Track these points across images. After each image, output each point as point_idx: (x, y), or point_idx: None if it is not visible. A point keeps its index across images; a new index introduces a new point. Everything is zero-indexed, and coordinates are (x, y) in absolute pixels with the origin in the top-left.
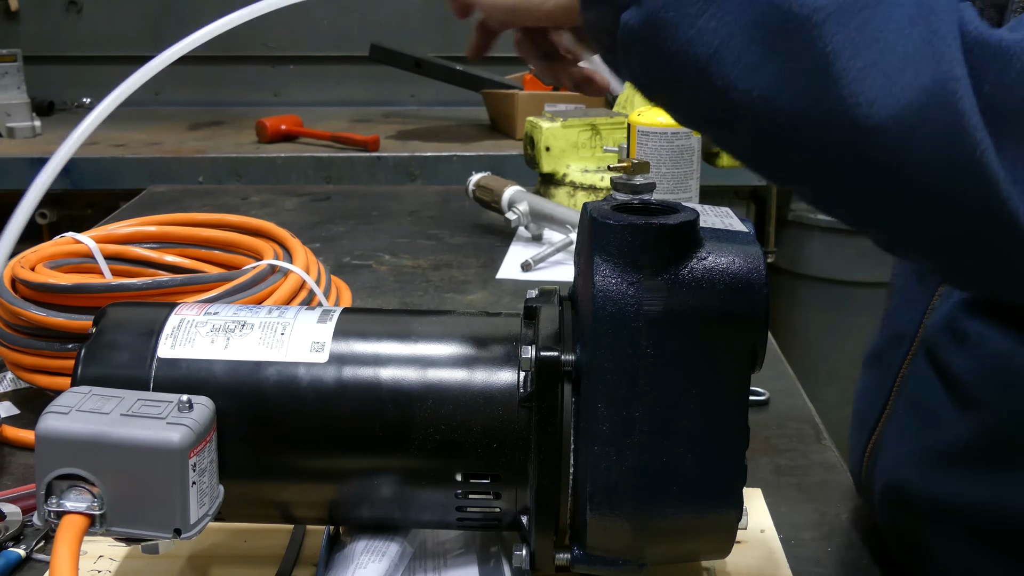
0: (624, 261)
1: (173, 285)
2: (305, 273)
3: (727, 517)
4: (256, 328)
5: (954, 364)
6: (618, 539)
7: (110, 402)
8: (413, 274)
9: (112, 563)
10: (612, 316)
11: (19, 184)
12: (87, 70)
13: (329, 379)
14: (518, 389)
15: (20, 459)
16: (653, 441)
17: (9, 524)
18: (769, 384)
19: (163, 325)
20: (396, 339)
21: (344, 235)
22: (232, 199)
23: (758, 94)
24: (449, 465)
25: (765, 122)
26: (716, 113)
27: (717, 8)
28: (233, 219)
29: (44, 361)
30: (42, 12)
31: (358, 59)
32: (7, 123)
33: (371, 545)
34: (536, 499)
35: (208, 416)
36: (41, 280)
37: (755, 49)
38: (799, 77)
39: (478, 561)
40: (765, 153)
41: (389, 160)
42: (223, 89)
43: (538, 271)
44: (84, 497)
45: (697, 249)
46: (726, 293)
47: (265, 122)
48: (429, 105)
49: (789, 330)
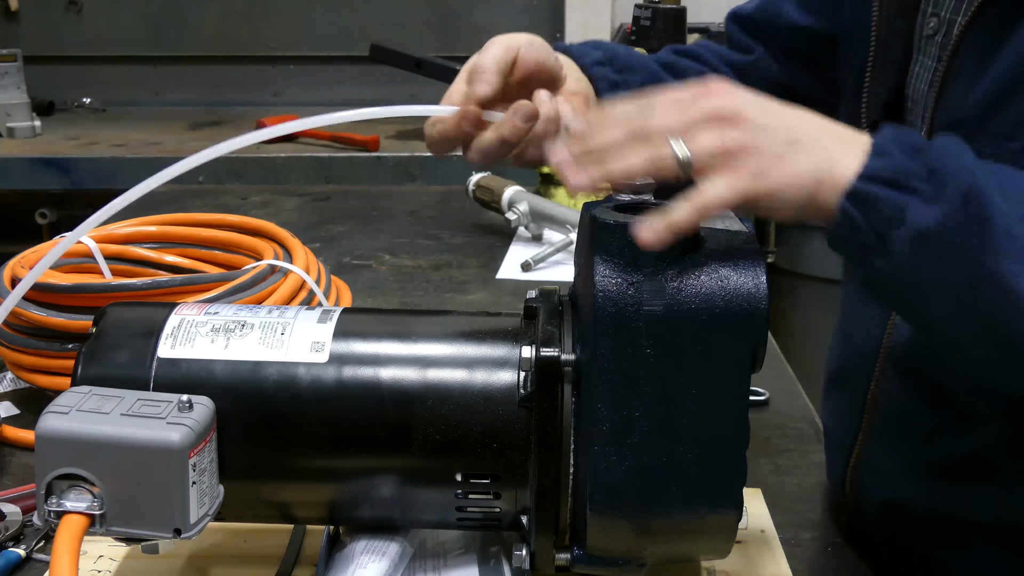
0: (624, 261)
1: (173, 285)
2: (305, 273)
3: (727, 517)
4: (256, 328)
5: (935, 375)
6: (618, 539)
7: (110, 402)
8: (413, 274)
9: (112, 563)
10: (612, 316)
11: (19, 184)
12: (87, 70)
13: (329, 379)
14: (518, 389)
15: (20, 459)
16: (653, 441)
17: (9, 524)
18: (769, 384)
19: (163, 325)
20: (396, 339)
21: (344, 235)
22: (232, 199)
23: (980, 363)
24: (449, 465)
25: (981, 370)
26: (938, 342)
27: (961, 286)
28: (233, 219)
29: (44, 361)
30: (42, 12)
31: (358, 59)
32: (7, 123)
33: (371, 545)
34: (536, 499)
35: (208, 416)
36: (41, 280)
37: (980, 329)
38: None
39: (478, 561)
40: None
41: (389, 160)
42: (223, 89)
43: (538, 271)
44: (84, 497)
45: (697, 249)
46: (726, 293)
47: (265, 122)
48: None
49: (789, 330)
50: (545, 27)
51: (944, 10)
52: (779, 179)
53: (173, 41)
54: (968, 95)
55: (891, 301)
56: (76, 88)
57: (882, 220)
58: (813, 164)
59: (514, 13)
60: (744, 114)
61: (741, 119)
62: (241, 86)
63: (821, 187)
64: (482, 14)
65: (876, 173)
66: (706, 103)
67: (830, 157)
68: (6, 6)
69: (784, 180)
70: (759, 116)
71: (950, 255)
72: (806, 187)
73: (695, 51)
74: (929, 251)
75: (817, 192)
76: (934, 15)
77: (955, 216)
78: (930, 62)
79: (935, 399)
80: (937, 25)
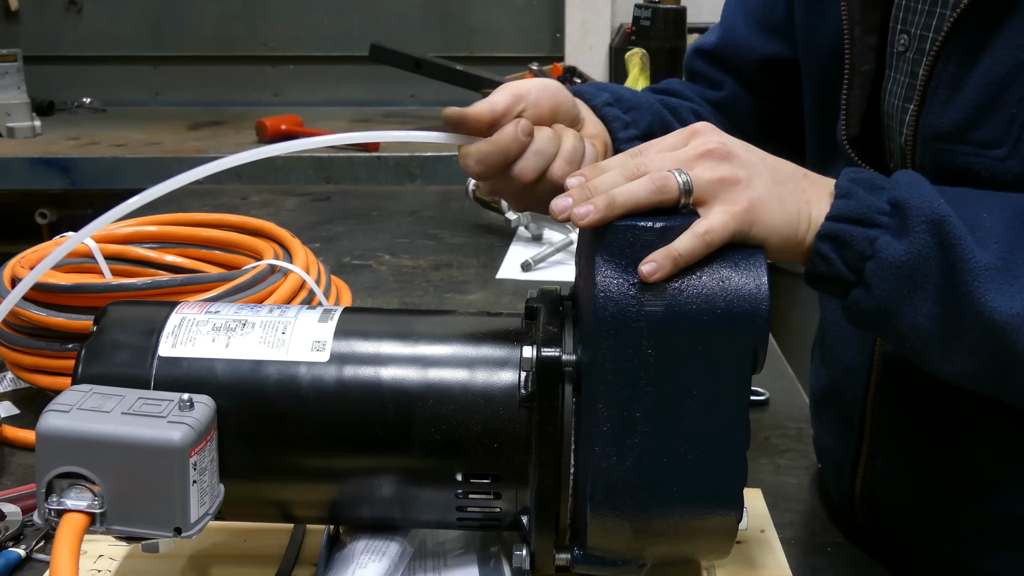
0: (626, 261)
1: (173, 285)
2: (305, 273)
3: (727, 517)
4: (257, 327)
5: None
6: (618, 539)
7: (111, 400)
8: (413, 274)
9: (112, 562)
10: (613, 316)
11: (19, 184)
12: (87, 70)
13: (330, 378)
14: (519, 389)
15: (20, 459)
16: (654, 441)
17: (9, 524)
18: (769, 384)
19: (164, 324)
20: (397, 339)
21: (344, 235)
22: (232, 199)
23: (968, 378)
24: (449, 465)
25: (971, 385)
26: (924, 363)
27: (936, 309)
28: (233, 219)
29: (44, 361)
30: (42, 12)
31: (358, 59)
32: (7, 123)
33: (371, 545)
34: (536, 499)
35: (209, 415)
36: (41, 280)
37: (961, 349)
38: (1000, 375)
39: (478, 561)
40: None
41: (389, 160)
42: (223, 89)
43: (538, 271)
44: (84, 495)
45: None
46: (727, 294)
47: (265, 122)
48: (429, 105)
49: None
50: (545, 27)
51: (914, 27)
52: (771, 212)
53: (173, 41)
54: (947, 109)
55: (873, 329)
56: (76, 88)
57: (855, 256)
58: (797, 202)
59: (514, 13)
60: (733, 151)
61: (732, 155)
62: (241, 86)
63: (801, 223)
64: (482, 14)
65: (843, 213)
66: (696, 142)
67: (808, 198)
68: (6, 6)
69: (775, 214)
70: (746, 155)
71: (923, 281)
72: (792, 223)
73: (676, 89)
74: (903, 279)
75: (798, 227)
76: (903, 32)
77: (923, 243)
78: (903, 78)
79: (937, 411)
80: (908, 42)
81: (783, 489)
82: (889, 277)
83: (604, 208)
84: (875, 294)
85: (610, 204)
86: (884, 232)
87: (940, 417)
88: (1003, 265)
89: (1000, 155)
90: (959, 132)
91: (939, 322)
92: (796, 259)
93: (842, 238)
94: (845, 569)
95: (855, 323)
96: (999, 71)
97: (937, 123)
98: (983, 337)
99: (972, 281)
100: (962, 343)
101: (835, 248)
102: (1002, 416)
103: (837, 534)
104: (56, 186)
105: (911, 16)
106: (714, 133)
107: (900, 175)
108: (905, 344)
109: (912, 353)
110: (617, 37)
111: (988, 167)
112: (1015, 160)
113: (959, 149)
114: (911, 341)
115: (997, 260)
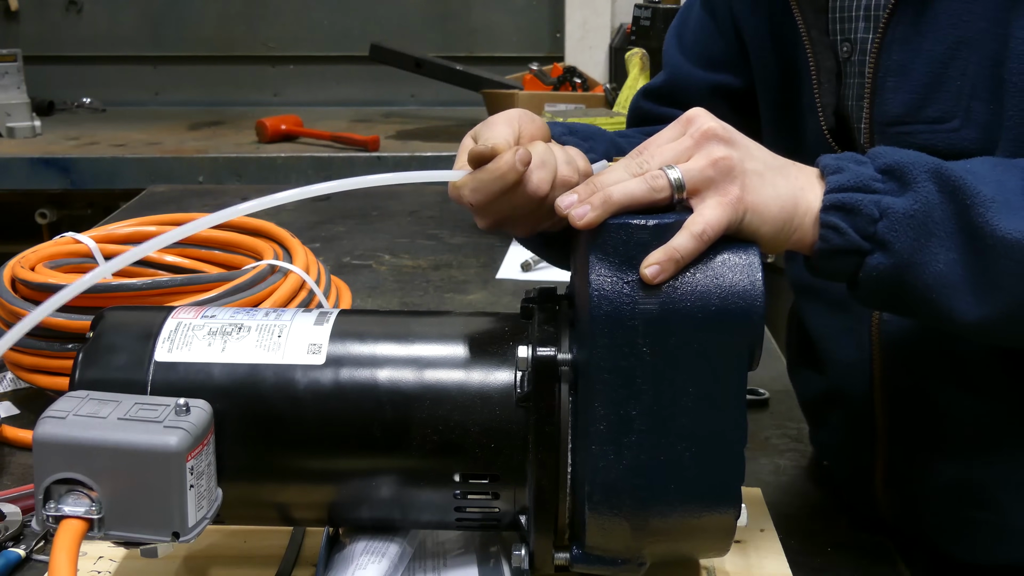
0: (620, 260)
1: (173, 285)
2: (305, 273)
3: (725, 515)
4: (253, 331)
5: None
6: (617, 538)
7: (107, 406)
8: (413, 274)
9: (111, 564)
10: (608, 315)
11: (19, 184)
12: (87, 70)
13: (326, 381)
14: (515, 389)
15: (20, 459)
16: (651, 440)
17: (9, 524)
18: (769, 384)
19: (160, 328)
20: (393, 340)
21: (344, 235)
22: (232, 199)
23: (999, 325)
24: (447, 465)
25: (1000, 333)
26: (944, 327)
27: (955, 254)
28: (233, 219)
29: (44, 361)
30: (42, 12)
31: (358, 59)
32: (7, 123)
33: (371, 546)
34: (535, 499)
35: (205, 419)
36: (41, 280)
37: (987, 286)
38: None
39: (478, 561)
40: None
41: (389, 160)
42: (223, 89)
43: (538, 271)
44: (82, 501)
45: None
46: (722, 291)
47: (265, 122)
48: (429, 105)
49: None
50: (545, 27)
51: (853, 33)
52: (764, 196)
53: (172, 41)
54: (898, 94)
55: (892, 297)
56: (76, 88)
57: (865, 221)
58: (789, 186)
59: (514, 13)
60: (730, 133)
61: (729, 138)
62: (241, 86)
63: (797, 208)
64: (482, 14)
65: (843, 184)
66: (693, 128)
67: (800, 184)
68: (6, 6)
69: (768, 197)
70: (741, 139)
71: (935, 228)
72: (786, 207)
73: (629, 133)
74: (918, 228)
75: (794, 213)
76: (845, 41)
77: (928, 191)
78: (854, 80)
79: (945, 377)
80: (850, 48)
81: (783, 489)
82: (905, 228)
83: (600, 206)
84: (895, 250)
85: (606, 202)
86: (885, 195)
87: (950, 383)
88: (1005, 199)
89: (954, 127)
90: (912, 112)
91: (960, 265)
92: (792, 247)
93: (849, 205)
94: (845, 569)
95: (869, 299)
96: (939, 50)
97: (890, 109)
98: (1008, 264)
99: (986, 212)
100: (986, 279)
101: (844, 217)
102: (1015, 369)
103: (837, 534)
104: (56, 186)
105: (847, 24)
106: (709, 117)
107: (877, 149)
108: (932, 297)
109: (938, 311)
110: (617, 37)
111: (945, 141)
112: (969, 129)
113: (915, 129)
114: (936, 292)
115: (999, 195)
